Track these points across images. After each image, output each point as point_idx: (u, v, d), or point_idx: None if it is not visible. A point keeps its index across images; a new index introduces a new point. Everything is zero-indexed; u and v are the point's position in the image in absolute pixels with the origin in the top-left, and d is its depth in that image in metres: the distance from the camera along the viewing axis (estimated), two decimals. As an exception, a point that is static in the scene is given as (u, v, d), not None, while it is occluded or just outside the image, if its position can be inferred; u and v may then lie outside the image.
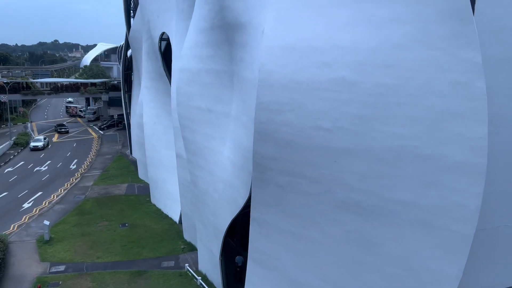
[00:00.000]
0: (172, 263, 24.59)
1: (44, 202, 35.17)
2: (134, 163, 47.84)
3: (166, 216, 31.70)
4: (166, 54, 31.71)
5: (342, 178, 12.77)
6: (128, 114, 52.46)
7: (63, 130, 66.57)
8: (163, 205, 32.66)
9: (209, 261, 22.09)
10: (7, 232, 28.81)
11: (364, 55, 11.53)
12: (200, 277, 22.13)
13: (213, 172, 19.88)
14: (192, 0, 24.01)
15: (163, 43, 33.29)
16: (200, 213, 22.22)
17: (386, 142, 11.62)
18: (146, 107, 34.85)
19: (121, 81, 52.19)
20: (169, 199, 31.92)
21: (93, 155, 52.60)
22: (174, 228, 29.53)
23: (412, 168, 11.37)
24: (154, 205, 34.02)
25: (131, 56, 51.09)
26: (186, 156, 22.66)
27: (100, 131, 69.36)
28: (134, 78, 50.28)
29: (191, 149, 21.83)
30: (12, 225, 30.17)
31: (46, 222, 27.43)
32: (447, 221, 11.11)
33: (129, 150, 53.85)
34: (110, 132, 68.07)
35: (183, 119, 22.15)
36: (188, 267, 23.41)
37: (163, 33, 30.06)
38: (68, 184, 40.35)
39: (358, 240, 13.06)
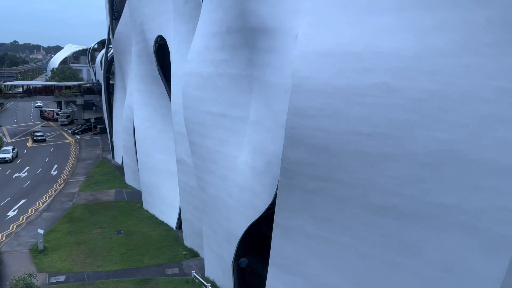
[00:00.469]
0: (176, 270, 24.15)
1: (30, 210, 33.88)
2: (118, 168, 46.85)
3: (162, 222, 31.13)
4: (159, 57, 31.21)
5: (379, 183, 12.87)
6: (110, 118, 51.28)
7: (39, 138, 61.69)
8: (158, 211, 32.07)
9: (219, 266, 21.83)
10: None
11: (407, 61, 11.68)
12: (209, 284, 21.82)
13: (226, 177, 19.67)
14: (195, 3, 23.86)
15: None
16: (208, 218, 21.92)
17: (428, 146, 11.80)
18: (138, 110, 34.16)
19: (102, 84, 50.98)
20: (164, 205, 31.37)
21: (73, 161, 51.10)
22: (172, 235, 29.02)
23: (455, 172, 11.57)
24: (147, 211, 33.36)
25: (112, 59, 50.02)
26: (193, 161, 22.33)
27: (77, 136, 67.43)
28: (117, 81, 49.22)
29: (200, 154, 21.53)
30: (0, 235, 28.93)
31: (40, 231, 26.42)
32: (490, 223, 11.36)
33: (110, 155, 52.69)
34: (88, 136, 66.33)
35: (191, 123, 21.84)
36: (195, 274, 23.05)
37: (159, 36, 29.52)
38: (53, 191, 39.03)
39: (394, 244, 13.19)
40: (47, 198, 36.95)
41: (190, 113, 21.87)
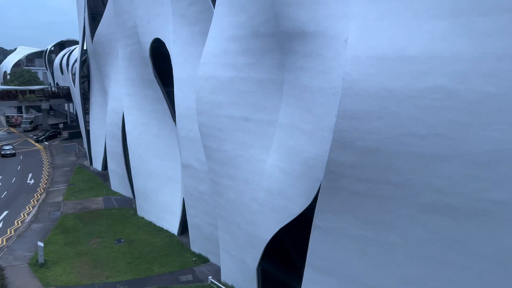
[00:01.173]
0: (190, 277, 23.79)
1: (16, 222, 32.26)
2: (99, 174, 45.47)
3: (161, 229, 30.50)
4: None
5: (431, 183, 13.27)
6: (87, 123, 49.62)
7: (8, 153, 54.76)
8: (156, 217, 31.38)
9: (239, 271, 21.69)
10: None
11: (464, 65, 12.13)
12: (230, 289, 21.68)
13: (249, 181, 19.60)
14: (203, 6, 23.58)
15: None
16: (226, 223, 21.75)
17: (484, 146, 12.30)
18: (129, 115, 33.29)
19: (76, 88, 49.18)
20: (162, 211, 30.76)
21: (48, 168, 49.04)
22: (175, 241, 28.52)
23: (511, 170, 12.15)
24: (143, 218, 32.59)
25: (85, 62, 48.36)
26: (209, 166, 22.07)
27: (44, 143, 64.64)
28: (93, 84, 47.76)
29: (218, 159, 21.33)
30: (-10, 249, 27.40)
31: (40, 244, 25.22)
32: (546, 217, 12.02)
33: (87, 161, 51.01)
34: (56, 142, 63.80)
35: (207, 128, 21.59)
36: (212, 280, 22.78)
37: (155, 39, 28.88)
38: (35, 201, 37.33)
39: (444, 241, 13.64)
40: (31, 209, 35.29)
41: (205, 117, 21.61)
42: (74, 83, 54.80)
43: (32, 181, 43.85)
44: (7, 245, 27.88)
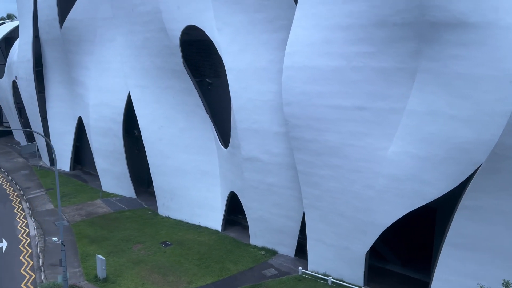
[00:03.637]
0: (273, 271, 23.40)
1: (20, 237, 28.19)
2: (71, 176, 41.26)
3: (199, 226, 29.11)
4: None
5: None
6: (45, 119, 44.19)
7: None
8: (189, 215, 29.73)
9: (338, 259, 21.93)
10: (27, 282, 22.75)
11: None
12: (330, 277, 21.86)
13: (363, 169, 19.95)
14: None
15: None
16: (322, 213, 21.83)
17: None
18: (143, 109, 30.77)
19: (33, 79, 43.20)
20: (198, 208, 29.31)
21: None
22: (224, 237, 27.55)
23: None
24: (168, 218, 30.65)
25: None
26: (298, 157, 21.82)
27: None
28: (50, 75, 42.68)
29: (312, 149, 21.24)
30: (22, 271, 23.77)
31: (101, 257, 22.54)
32: None
33: (42, 162, 45.77)
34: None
35: (298, 119, 21.31)
36: (303, 270, 22.72)
37: (187, 27, 26.93)
38: (20, 211, 32.87)
39: None
40: (25, 220, 31.02)
41: (297, 108, 21.24)
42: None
43: (-7, 189, 38.16)
44: (40, 264, 24.37)
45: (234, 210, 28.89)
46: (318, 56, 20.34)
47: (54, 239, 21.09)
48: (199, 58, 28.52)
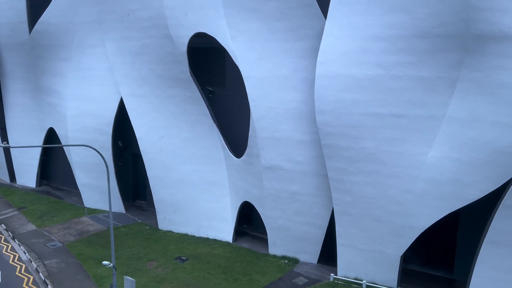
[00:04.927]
0: (302, 279, 23.44)
1: (11, 262, 25.63)
2: (40, 192, 38.13)
3: (207, 239, 28.26)
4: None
5: None
6: (4, 130, 40.45)
7: None
8: (195, 228, 28.75)
9: (370, 263, 22.44)
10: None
11: None
12: (364, 281, 22.32)
13: (401, 174, 20.69)
14: (287, 3, 22.89)
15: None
16: (354, 219, 22.28)
17: None
18: (140, 119, 29.33)
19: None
20: (206, 220, 28.46)
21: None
22: (239, 248, 27.03)
23: None
24: (171, 232, 29.41)
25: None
26: (330, 164, 22.11)
27: None
28: (10, 85, 39.28)
29: (346, 156, 21.70)
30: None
31: (130, 279, 21.04)
32: None
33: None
34: None
35: (332, 127, 21.68)
36: (334, 276, 22.97)
37: (196, 34, 26.16)
38: (-1, 234, 29.77)
39: None
40: (7, 243, 28.22)
41: (330, 116, 21.57)
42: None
43: (-47, 211, 34.20)
44: (49, 292, 22.35)
45: (240, 221, 28.51)
46: (354, 65, 20.79)
47: (105, 262, 19.54)
48: (204, 66, 27.86)
